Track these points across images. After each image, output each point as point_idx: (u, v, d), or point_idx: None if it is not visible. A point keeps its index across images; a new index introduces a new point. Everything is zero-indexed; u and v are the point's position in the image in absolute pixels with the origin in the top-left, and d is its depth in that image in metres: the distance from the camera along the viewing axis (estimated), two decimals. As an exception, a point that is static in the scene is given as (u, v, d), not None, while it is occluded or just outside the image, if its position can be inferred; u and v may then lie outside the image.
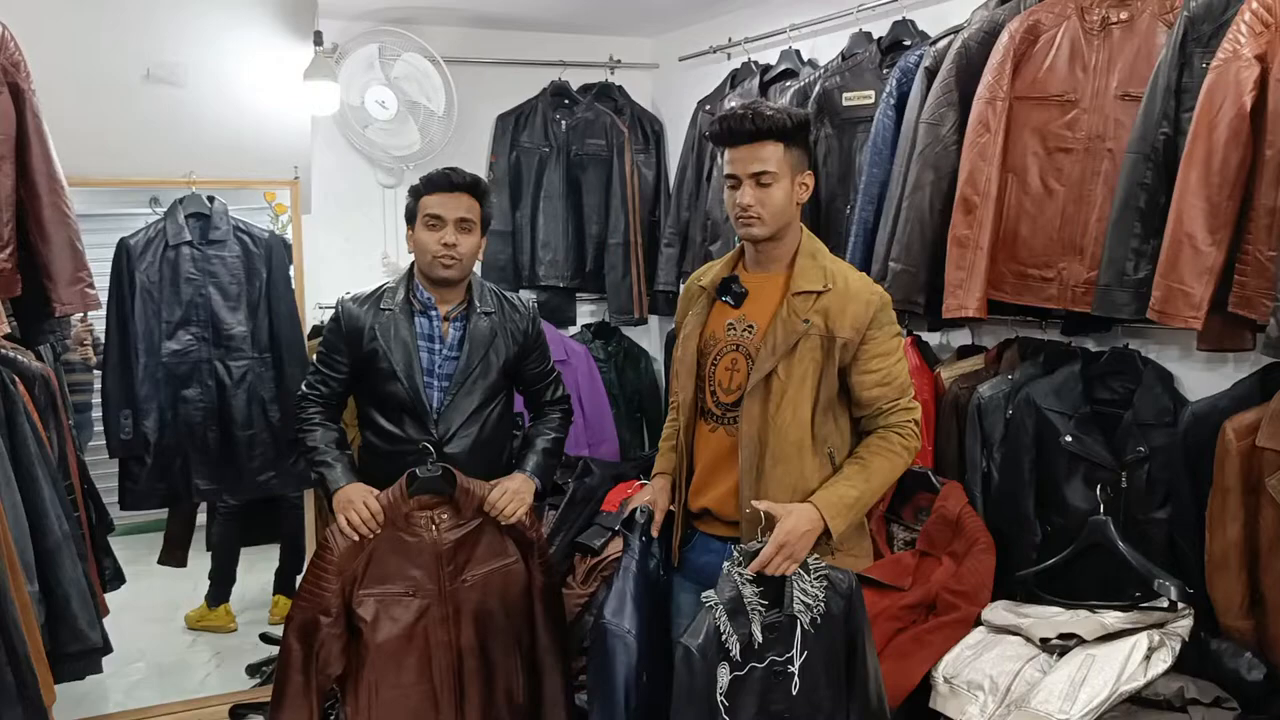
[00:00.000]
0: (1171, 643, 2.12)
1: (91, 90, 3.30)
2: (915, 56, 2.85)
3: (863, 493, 2.13)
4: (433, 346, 2.54)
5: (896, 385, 2.17)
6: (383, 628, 2.38)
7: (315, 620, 2.34)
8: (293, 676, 2.34)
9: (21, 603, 2.19)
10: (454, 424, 2.52)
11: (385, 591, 2.39)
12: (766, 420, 2.14)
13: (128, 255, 3.47)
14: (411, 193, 2.54)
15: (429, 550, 2.42)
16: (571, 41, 4.31)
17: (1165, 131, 2.25)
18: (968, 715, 2.19)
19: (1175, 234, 2.18)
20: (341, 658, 2.38)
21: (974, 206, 2.58)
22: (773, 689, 2.03)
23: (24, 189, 2.66)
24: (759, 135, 2.12)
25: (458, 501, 2.44)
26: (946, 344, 3.13)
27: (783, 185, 2.14)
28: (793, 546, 2.03)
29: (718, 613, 1.98)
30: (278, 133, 3.68)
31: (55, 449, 2.65)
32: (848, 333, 2.13)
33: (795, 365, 2.13)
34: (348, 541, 2.36)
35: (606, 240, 4.20)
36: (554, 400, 2.73)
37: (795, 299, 2.15)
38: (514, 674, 2.53)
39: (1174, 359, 2.49)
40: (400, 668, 2.41)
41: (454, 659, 2.45)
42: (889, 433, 2.17)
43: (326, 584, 2.34)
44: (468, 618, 2.45)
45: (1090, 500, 2.42)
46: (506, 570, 2.50)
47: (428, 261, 2.49)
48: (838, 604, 2.07)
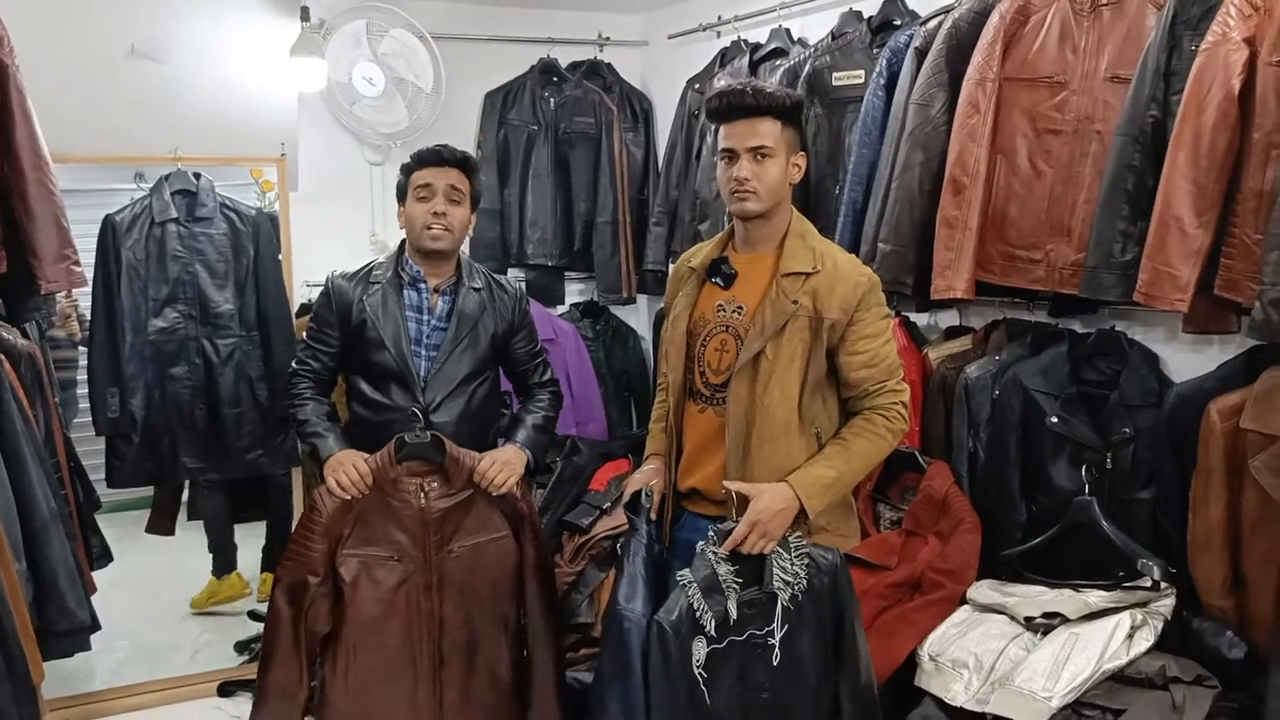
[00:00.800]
0: (1154, 621, 2.14)
1: (76, 66, 3.26)
2: (905, 36, 2.85)
3: (841, 473, 2.14)
4: (421, 317, 2.56)
5: (884, 367, 2.18)
6: (363, 589, 2.39)
7: (304, 580, 2.36)
8: (282, 636, 2.37)
9: (9, 581, 2.19)
10: (440, 393, 2.54)
11: (368, 553, 2.40)
12: (754, 400, 2.15)
13: (113, 232, 3.45)
14: (402, 170, 2.58)
15: (416, 517, 2.42)
16: (560, 18, 4.28)
17: (1154, 114, 2.26)
18: (952, 693, 2.21)
19: (1163, 216, 2.19)
20: (329, 618, 2.40)
21: (963, 187, 2.58)
22: (753, 661, 2.06)
23: (8, 165, 2.63)
24: (758, 111, 2.13)
25: (448, 470, 2.43)
26: (934, 325, 3.14)
27: (779, 162, 2.16)
28: (765, 525, 2.05)
29: (691, 590, 2.02)
30: (264, 109, 3.65)
31: (42, 427, 2.64)
32: (835, 314, 2.13)
33: (784, 346, 2.14)
34: (336, 502, 2.36)
35: (595, 219, 4.19)
36: (542, 382, 2.74)
37: (784, 280, 2.16)
38: (499, 652, 2.53)
39: (1160, 341, 2.51)
40: (379, 631, 2.41)
41: (435, 629, 2.44)
42: (874, 414, 2.18)
43: (314, 544, 2.35)
44: (451, 589, 2.45)
45: (1075, 480, 2.44)
46: (495, 544, 2.49)
47: (417, 232, 2.52)
48: (821, 581, 2.10)
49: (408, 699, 2.45)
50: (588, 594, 3.16)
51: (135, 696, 3.44)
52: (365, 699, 2.42)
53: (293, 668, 2.38)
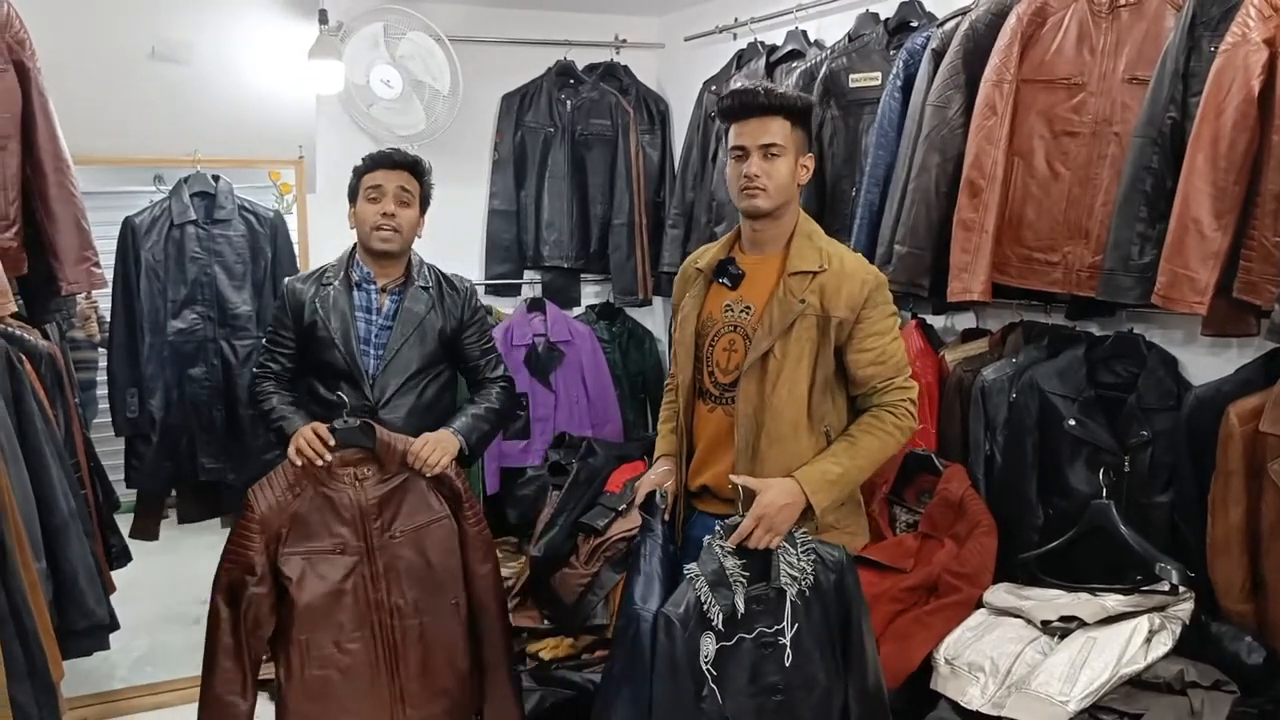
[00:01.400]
0: (1172, 626, 2.13)
1: (97, 68, 3.29)
2: (922, 38, 2.84)
3: (847, 469, 2.15)
4: (370, 318, 2.61)
5: (892, 364, 2.18)
6: (309, 585, 2.37)
7: (241, 580, 2.34)
8: (222, 640, 2.34)
9: (30, 580, 2.20)
10: (389, 389, 2.58)
11: (311, 548, 2.39)
12: (763, 400, 2.17)
13: (133, 234, 3.48)
14: (355, 171, 2.66)
15: (353, 507, 2.41)
16: (577, 21, 4.28)
17: (1172, 115, 2.25)
18: (968, 697, 2.20)
19: (1181, 218, 2.18)
20: (271, 617, 2.37)
21: (979, 190, 2.58)
22: (764, 660, 2.06)
23: (30, 167, 2.66)
24: (769, 110, 2.15)
25: (380, 456, 2.43)
26: (951, 327, 3.13)
27: (788, 161, 2.17)
28: (771, 520, 2.06)
29: (699, 584, 2.03)
30: (282, 112, 3.68)
31: (62, 427, 2.65)
32: (843, 312, 2.15)
33: (791, 345, 2.15)
34: (269, 500, 2.36)
35: (611, 221, 4.19)
36: (493, 377, 2.74)
37: (792, 279, 2.17)
38: (454, 636, 2.50)
39: (1178, 343, 2.50)
40: (331, 625, 2.39)
41: (387, 617, 2.43)
42: (882, 411, 2.18)
43: (250, 543, 2.34)
44: (398, 575, 2.44)
45: (1093, 484, 2.43)
46: (437, 525, 2.48)
47: (367, 233, 2.58)
48: (827, 578, 2.10)
49: (367, 692, 2.42)
50: (603, 596, 3.16)
51: (152, 696, 3.46)
52: (324, 696, 2.39)
53: (235, 675, 2.35)
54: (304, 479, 2.40)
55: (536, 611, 3.43)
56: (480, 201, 4.20)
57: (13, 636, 2.08)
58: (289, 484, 2.40)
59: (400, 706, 2.45)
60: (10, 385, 2.40)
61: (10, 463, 2.26)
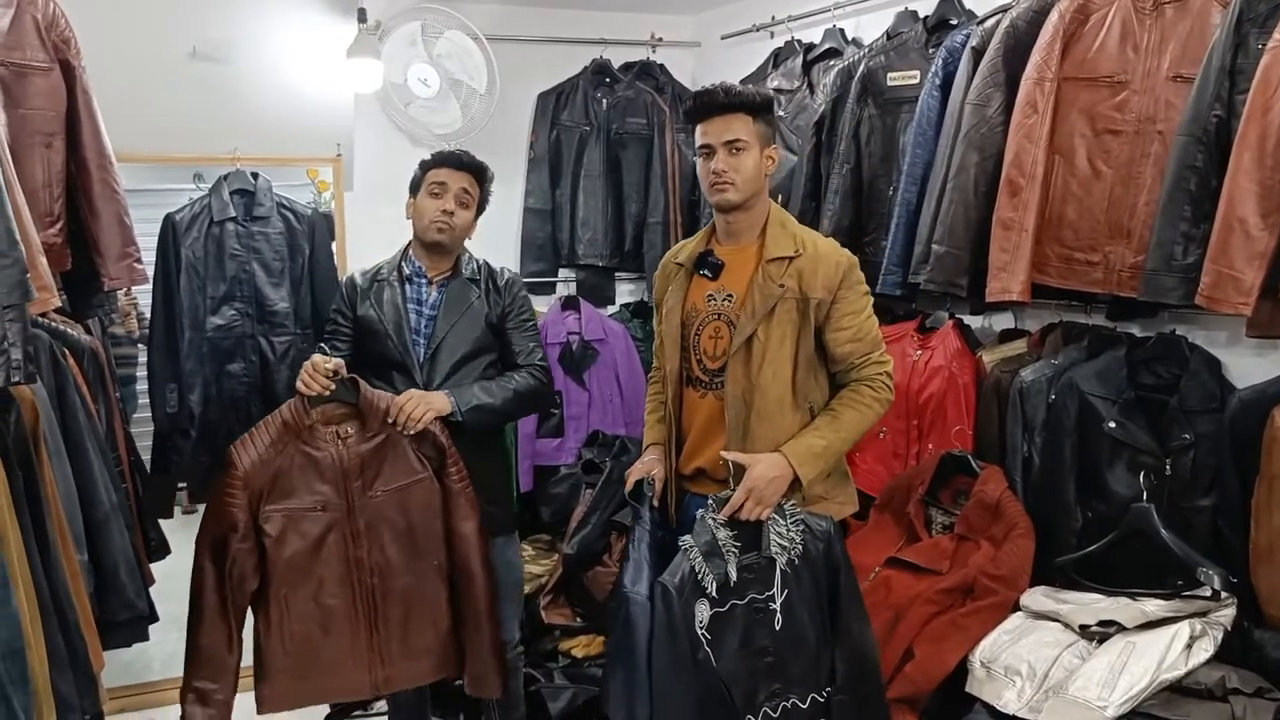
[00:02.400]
0: (1214, 632, 2.10)
1: (139, 67, 3.33)
2: (962, 36, 2.82)
3: (831, 442, 2.27)
4: (420, 309, 2.67)
5: (868, 340, 2.32)
6: (290, 542, 2.39)
7: (224, 538, 2.36)
8: (208, 598, 2.37)
9: (72, 572, 2.23)
10: (437, 376, 2.60)
11: (291, 506, 2.40)
12: (750, 380, 2.29)
13: (173, 231, 3.52)
14: (420, 166, 2.72)
15: (335, 465, 2.42)
16: (613, 19, 4.29)
17: (1218, 113, 2.22)
18: (1004, 700, 2.18)
19: (1226, 218, 2.14)
20: (255, 574, 2.39)
21: (1019, 189, 2.55)
22: (756, 625, 2.20)
23: (75, 165, 2.69)
24: (730, 108, 2.29)
25: (363, 412, 2.44)
26: (989, 327, 3.10)
27: (753, 154, 2.30)
28: (761, 492, 2.19)
29: (693, 554, 2.17)
30: (321, 110, 3.71)
31: (103, 421, 2.69)
32: (820, 293, 2.28)
33: (774, 327, 2.28)
34: (251, 457, 2.37)
35: (646, 219, 4.19)
36: (524, 364, 2.73)
37: (770, 265, 2.29)
38: (436, 596, 2.51)
39: (1221, 345, 2.46)
40: (311, 581, 2.41)
41: (368, 576, 2.44)
42: (861, 385, 2.32)
43: (233, 500, 2.36)
44: (380, 534, 2.45)
45: (1133, 487, 2.40)
46: (418, 486, 2.48)
47: (424, 225, 2.65)
48: (816, 547, 2.23)
49: (346, 648, 2.46)
50: (636, 594, 3.16)
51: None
52: (303, 651, 2.43)
53: (220, 630, 2.37)
54: (286, 436, 2.41)
55: (569, 609, 3.44)
56: (516, 200, 4.21)
57: (55, 628, 2.11)
58: (271, 441, 2.41)
59: (380, 664, 2.47)
60: (54, 379, 2.43)
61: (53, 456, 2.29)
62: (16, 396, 2.08)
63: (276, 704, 2.45)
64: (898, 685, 2.37)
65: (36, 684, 1.99)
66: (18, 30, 2.52)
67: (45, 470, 2.19)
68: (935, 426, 2.88)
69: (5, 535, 1.95)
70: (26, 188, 2.38)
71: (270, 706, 2.45)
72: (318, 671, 2.45)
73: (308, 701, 2.53)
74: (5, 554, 1.93)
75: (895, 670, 2.40)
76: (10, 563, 1.94)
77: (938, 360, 2.89)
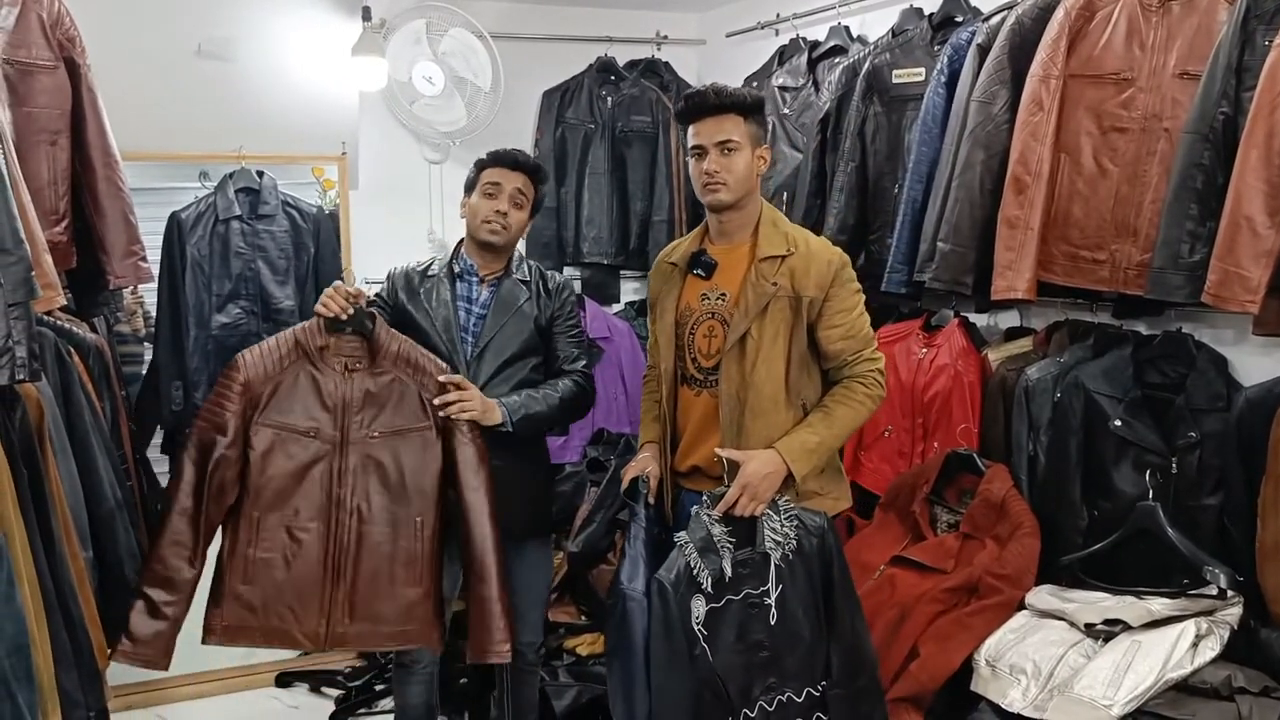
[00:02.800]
0: (1220, 630, 2.10)
1: (144, 65, 3.34)
2: (967, 33, 2.81)
3: (824, 438, 2.29)
4: (469, 307, 2.64)
5: (860, 338, 2.33)
6: (275, 462, 2.34)
7: (212, 441, 2.30)
8: (180, 500, 2.30)
9: (77, 569, 2.24)
10: (483, 374, 2.57)
11: (285, 424, 2.35)
12: (744, 378, 2.30)
13: (179, 229, 3.52)
14: (476, 164, 2.67)
15: (337, 395, 2.38)
16: (618, 17, 4.29)
17: (1225, 111, 2.21)
18: (1009, 699, 2.18)
19: (1233, 216, 2.14)
20: (234, 486, 2.33)
21: (1025, 186, 2.55)
22: (751, 620, 2.22)
23: (79, 163, 2.69)
24: (721, 108, 2.30)
25: (375, 348, 2.40)
26: (994, 325, 3.09)
27: (744, 155, 2.31)
28: (755, 488, 2.21)
29: (688, 550, 2.19)
30: (326, 108, 3.72)
31: (108, 419, 2.69)
32: (812, 291, 2.29)
33: (767, 325, 2.29)
34: (256, 364, 2.34)
35: (651, 217, 4.19)
36: (569, 370, 2.72)
37: (762, 264, 2.31)
38: (415, 562, 2.40)
39: (1228, 343, 2.45)
40: (286, 508, 2.35)
41: (346, 518, 2.37)
42: (853, 382, 2.33)
43: (228, 402, 2.31)
44: (366, 477, 2.39)
45: (1139, 485, 2.39)
46: (417, 434, 2.42)
47: (477, 224, 2.61)
48: (810, 542, 2.25)
49: (306, 590, 2.36)
50: (640, 592, 3.16)
51: (195, 685, 3.51)
52: (262, 580, 2.35)
53: (187, 537, 2.29)
54: (295, 353, 2.38)
55: (574, 607, 3.45)
56: (521, 198, 4.20)
57: (60, 624, 2.12)
58: (281, 356, 2.37)
59: (338, 617, 2.36)
60: (59, 377, 2.43)
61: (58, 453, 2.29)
62: (22, 394, 2.09)
63: (225, 634, 2.36)
64: (903, 684, 2.37)
65: (41, 680, 2.00)
66: (23, 28, 2.53)
67: (50, 467, 2.19)
68: (940, 425, 2.88)
69: (10, 532, 1.95)
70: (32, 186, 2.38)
71: (215, 637, 2.36)
72: (273, 607, 2.35)
73: (255, 640, 2.41)
74: (10, 551, 1.93)
75: (900, 669, 2.40)
76: (15, 560, 1.95)
77: (943, 359, 2.89)
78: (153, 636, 2.29)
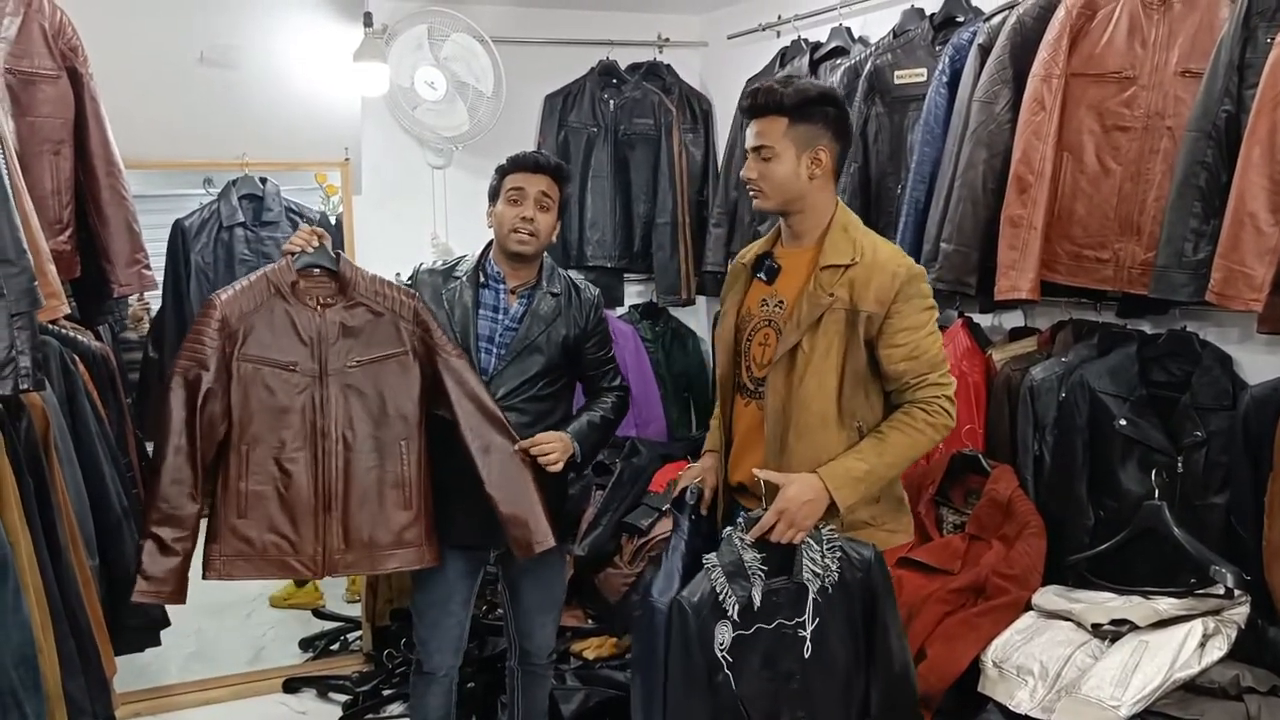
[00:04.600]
0: (1227, 630, 2.09)
1: (147, 73, 3.35)
2: (969, 33, 2.81)
3: (874, 466, 2.09)
4: (496, 316, 2.58)
5: (925, 360, 2.11)
6: (258, 395, 2.36)
7: (197, 378, 2.30)
8: (174, 440, 2.29)
9: (83, 577, 2.25)
10: (503, 389, 2.53)
11: (264, 358, 2.36)
12: (790, 393, 2.14)
13: (183, 236, 3.54)
14: (497, 171, 2.60)
15: (312, 328, 2.40)
16: (619, 20, 4.29)
17: (1227, 109, 2.20)
18: (1017, 700, 2.17)
19: (1237, 214, 2.13)
20: (224, 418, 2.34)
21: (1028, 186, 2.54)
22: (782, 650, 2.07)
23: (82, 172, 2.71)
24: (761, 110, 2.16)
25: (342, 279, 2.42)
26: (998, 325, 3.09)
27: (784, 160, 2.14)
28: (793, 515, 2.04)
29: (715, 574, 2.04)
30: (328, 114, 3.72)
31: (114, 427, 2.70)
32: (871, 306, 2.10)
33: (820, 339, 2.12)
34: (232, 299, 2.35)
35: (654, 220, 4.19)
36: (610, 386, 2.72)
37: (823, 273, 2.14)
38: (404, 486, 2.44)
39: (1233, 341, 2.45)
40: (273, 440, 2.37)
41: (333, 446, 2.40)
42: (914, 408, 2.12)
43: (207, 337, 2.32)
44: (348, 407, 2.41)
45: (1145, 485, 2.39)
46: (395, 361, 2.44)
47: (505, 234, 2.54)
48: (854, 576, 2.08)
49: (299, 519, 2.39)
50: (647, 595, 3.16)
51: (203, 691, 3.51)
52: (255, 512, 2.37)
53: (186, 473, 2.29)
54: (268, 290, 2.39)
55: (581, 611, 3.44)
56: (524, 202, 4.21)
57: (67, 633, 2.13)
58: (255, 294, 2.38)
59: (334, 542, 2.40)
60: (64, 386, 2.45)
61: (64, 462, 2.30)
62: (27, 404, 2.10)
63: (224, 568, 2.37)
64: (910, 685, 2.37)
65: (49, 689, 2.01)
66: (25, 39, 2.54)
67: (56, 476, 2.20)
68: (945, 425, 2.87)
69: (17, 542, 1.96)
70: (35, 195, 2.39)
71: (215, 571, 2.37)
72: (269, 537, 2.38)
73: (254, 572, 2.42)
74: (17, 560, 1.94)
75: (907, 670, 2.40)
76: (22, 569, 1.95)
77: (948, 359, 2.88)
78: (167, 573, 2.29)
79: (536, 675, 2.77)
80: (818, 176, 2.16)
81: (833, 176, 2.20)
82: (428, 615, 2.60)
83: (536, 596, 2.65)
